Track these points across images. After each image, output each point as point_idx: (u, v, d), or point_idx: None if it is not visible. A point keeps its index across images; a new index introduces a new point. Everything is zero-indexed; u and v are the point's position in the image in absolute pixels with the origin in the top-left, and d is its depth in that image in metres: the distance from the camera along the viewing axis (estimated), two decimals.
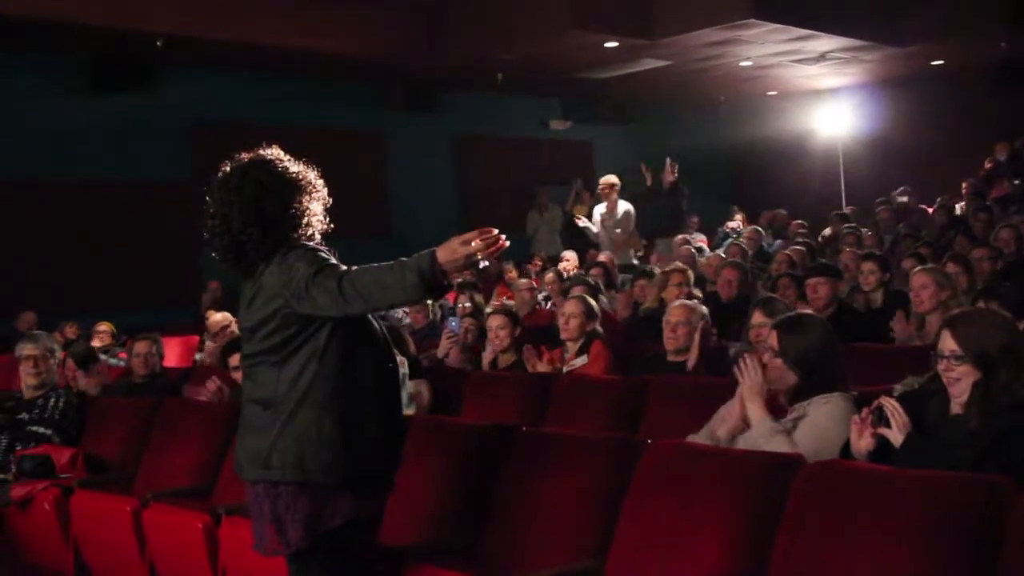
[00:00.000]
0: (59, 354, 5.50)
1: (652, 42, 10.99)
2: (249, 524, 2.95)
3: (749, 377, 3.29)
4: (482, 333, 6.13)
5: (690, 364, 4.89)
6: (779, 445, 3.13)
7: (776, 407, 3.35)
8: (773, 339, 3.36)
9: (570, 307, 5.54)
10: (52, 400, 5.23)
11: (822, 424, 3.19)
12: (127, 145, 10.77)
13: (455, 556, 3.36)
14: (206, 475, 4.52)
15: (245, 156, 2.97)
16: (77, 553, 4.54)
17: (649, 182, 10.81)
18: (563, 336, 5.52)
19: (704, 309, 5.20)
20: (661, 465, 3.18)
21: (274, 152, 2.97)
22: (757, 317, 4.68)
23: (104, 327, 8.49)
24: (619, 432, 4.08)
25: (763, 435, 3.19)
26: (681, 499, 3.03)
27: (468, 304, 7.21)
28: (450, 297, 8.09)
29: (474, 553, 3.44)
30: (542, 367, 5.38)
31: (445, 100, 13.10)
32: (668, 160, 10.56)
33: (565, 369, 5.34)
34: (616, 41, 10.89)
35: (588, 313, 5.52)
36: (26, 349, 5.28)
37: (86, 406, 5.41)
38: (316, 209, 2.94)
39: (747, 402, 3.28)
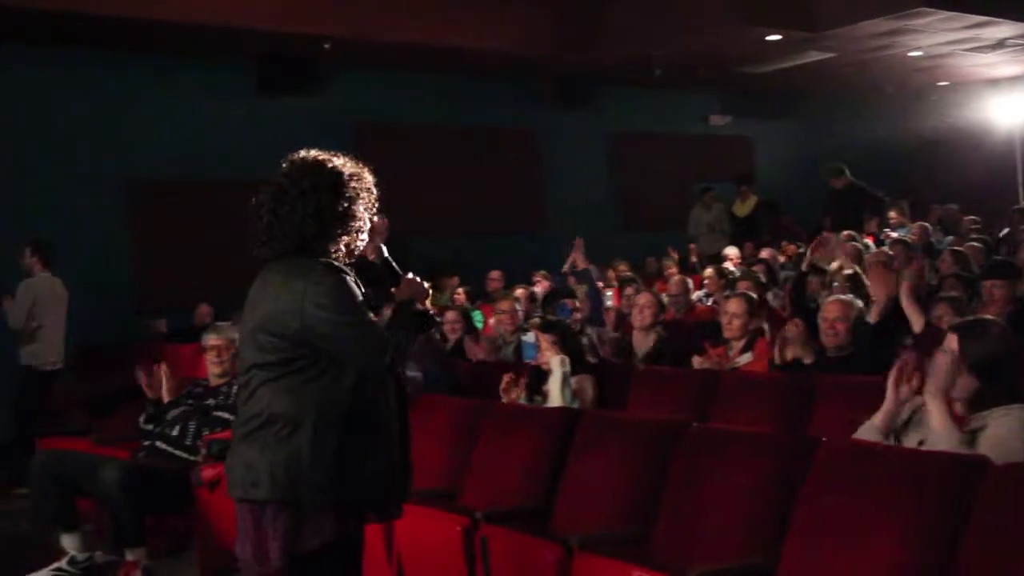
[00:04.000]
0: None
1: (817, 34, 10.71)
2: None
3: (938, 377, 3.13)
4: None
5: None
6: None
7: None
8: (953, 343, 3.23)
9: (732, 306, 5.50)
10: (235, 388, 5.51)
11: (1004, 438, 3.01)
12: (292, 147, 11.09)
13: (626, 548, 3.38)
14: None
15: (332, 160, 3.13)
16: None
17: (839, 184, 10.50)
18: (726, 335, 5.48)
19: (860, 303, 5.07)
20: (837, 463, 3.14)
21: (359, 171, 3.11)
22: (942, 309, 4.56)
23: None
24: (786, 429, 4.04)
25: (949, 445, 3.04)
26: (859, 498, 2.98)
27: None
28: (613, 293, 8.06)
29: (645, 546, 3.47)
30: (700, 363, 5.35)
31: (599, 96, 13.09)
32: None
33: (729, 366, 5.30)
34: (779, 35, 10.67)
35: (751, 311, 5.46)
36: (211, 339, 5.60)
37: None
38: (349, 242, 3.06)
39: (929, 403, 3.15)
